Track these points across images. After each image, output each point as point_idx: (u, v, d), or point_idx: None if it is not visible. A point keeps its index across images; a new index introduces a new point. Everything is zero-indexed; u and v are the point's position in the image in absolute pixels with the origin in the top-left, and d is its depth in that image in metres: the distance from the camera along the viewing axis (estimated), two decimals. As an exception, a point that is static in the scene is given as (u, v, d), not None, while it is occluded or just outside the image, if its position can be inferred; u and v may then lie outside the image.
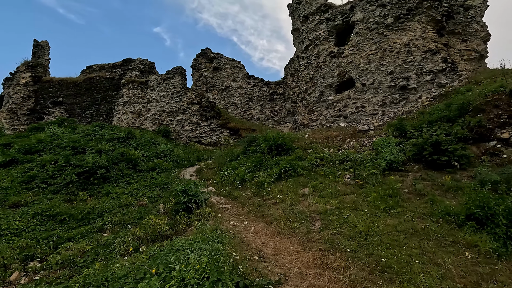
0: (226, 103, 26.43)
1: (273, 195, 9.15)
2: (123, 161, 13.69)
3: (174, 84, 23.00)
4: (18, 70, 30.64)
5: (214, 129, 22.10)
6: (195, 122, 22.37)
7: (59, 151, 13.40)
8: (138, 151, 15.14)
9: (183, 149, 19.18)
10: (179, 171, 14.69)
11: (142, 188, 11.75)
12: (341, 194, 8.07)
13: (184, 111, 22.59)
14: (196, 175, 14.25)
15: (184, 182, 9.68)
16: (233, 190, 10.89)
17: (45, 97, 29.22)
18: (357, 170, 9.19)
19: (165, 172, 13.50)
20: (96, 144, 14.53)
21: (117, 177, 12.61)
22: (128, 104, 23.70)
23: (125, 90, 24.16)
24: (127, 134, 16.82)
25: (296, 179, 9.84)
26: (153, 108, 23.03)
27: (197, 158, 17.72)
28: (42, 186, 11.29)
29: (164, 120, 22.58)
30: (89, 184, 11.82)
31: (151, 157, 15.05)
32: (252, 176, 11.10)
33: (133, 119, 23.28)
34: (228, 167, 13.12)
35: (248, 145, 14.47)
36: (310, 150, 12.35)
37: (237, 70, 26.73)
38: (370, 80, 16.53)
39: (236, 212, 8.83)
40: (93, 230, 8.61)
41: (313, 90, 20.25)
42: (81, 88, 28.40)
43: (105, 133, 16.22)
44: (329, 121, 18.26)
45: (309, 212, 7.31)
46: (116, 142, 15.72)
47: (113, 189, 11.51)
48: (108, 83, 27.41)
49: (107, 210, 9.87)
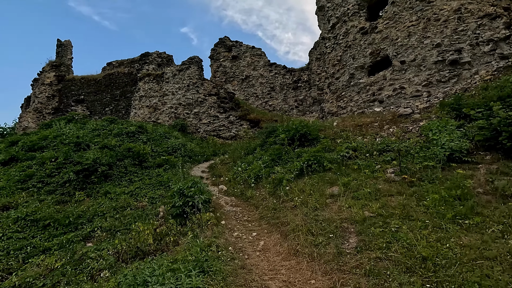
0: (247, 94, 24.67)
1: (292, 195, 7.22)
2: (129, 157, 12.42)
3: (190, 75, 21.61)
4: (44, 70, 31.07)
5: (233, 122, 20.44)
6: (212, 114, 20.85)
7: (62, 148, 12.41)
8: (147, 146, 13.84)
9: (199, 143, 17.72)
10: (190, 167, 13.18)
11: (145, 187, 10.35)
12: (384, 195, 5.96)
13: (201, 104, 21.14)
14: (208, 171, 12.65)
15: (186, 180, 8.06)
16: (247, 189, 9.10)
17: (68, 95, 29.31)
18: (403, 163, 6.97)
19: (173, 168, 12.03)
20: (102, 139, 13.41)
21: (120, 175, 11.32)
22: (144, 98, 22.73)
23: (141, 84, 23.23)
24: (137, 128, 15.63)
25: (322, 175, 7.81)
26: (169, 101, 21.83)
27: (212, 152, 16.15)
28: (38, 186, 10.26)
29: (180, 114, 21.31)
30: (88, 183, 10.62)
31: (160, 153, 13.69)
32: (269, 172, 9.23)
33: (149, 113, 22.27)
34: (242, 162, 11.35)
35: (267, 137, 12.59)
36: (340, 139, 10.22)
37: (258, 58, 24.82)
38: (411, 57, 13.88)
39: (245, 218, 7.02)
40: (77, 239, 7.24)
41: (341, 74, 17.83)
42: (101, 85, 28.07)
43: (113, 128, 15.14)
44: (361, 107, 15.83)
45: (340, 221, 5.31)
46: (124, 137, 14.56)
47: (112, 188, 10.20)
48: (126, 78, 26.76)
49: (99, 214, 8.51)
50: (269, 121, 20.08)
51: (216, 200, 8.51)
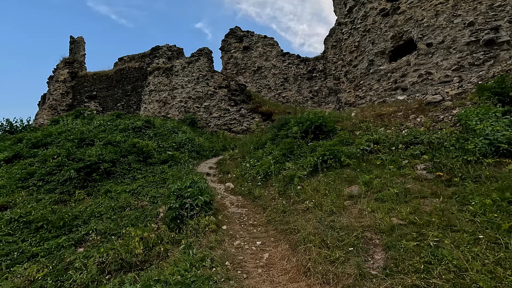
0: (259, 86, 23.70)
1: (304, 196, 6.30)
2: (133, 153, 11.84)
3: (200, 67, 20.86)
4: (58, 68, 31.28)
5: (245, 115, 19.58)
6: (223, 108, 20.06)
7: (65, 144, 11.98)
8: (153, 142, 13.23)
9: (208, 138, 16.99)
10: (197, 163, 12.45)
11: (147, 185, 9.70)
12: (415, 197, 4.93)
13: (211, 97, 20.38)
14: (216, 167, 11.88)
15: (185, 178, 7.31)
16: (254, 187, 8.25)
17: (81, 91, 29.36)
18: (436, 157, 5.88)
19: (179, 165, 11.33)
20: (107, 135, 12.91)
21: (123, 172, 10.75)
22: (154, 93, 22.24)
23: (151, 78, 22.73)
24: (144, 123, 15.07)
25: (339, 172, 6.83)
26: (179, 95, 21.21)
27: (222, 147, 15.39)
28: (38, 184, 9.83)
29: (190, 108, 20.65)
30: (90, 181, 10.09)
31: (167, 148, 13.04)
32: (279, 169, 8.33)
33: (159, 108, 21.77)
34: (251, 158, 10.49)
35: (279, 130, 11.66)
36: (359, 131, 9.15)
37: (270, 48, 23.72)
38: (439, 38, 12.46)
39: (251, 221, 6.17)
40: (68, 243, 6.65)
41: (359, 61, 16.53)
42: (112, 80, 27.88)
43: (120, 123, 14.64)
44: (381, 96, 14.56)
45: (361, 230, 4.36)
46: (130, 132, 14.02)
47: (114, 186, 9.62)
48: (137, 73, 26.38)
49: (96, 215, 7.92)
50: (282, 113, 19.07)
51: (220, 200, 7.71)
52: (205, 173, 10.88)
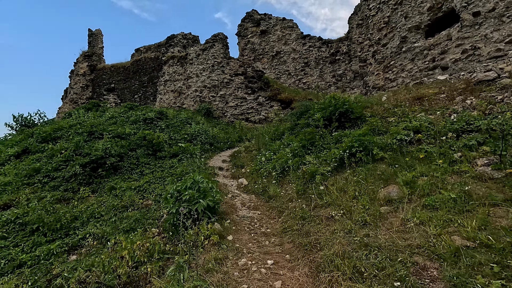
0: (278, 72, 22.32)
1: (329, 198, 5.15)
2: (142, 146, 11.13)
3: (214, 54, 19.80)
4: (77, 61, 31.47)
5: (262, 103, 18.40)
6: (240, 96, 18.97)
7: (74, 138, 11.48)
8: (164, 134, 12.47)
9: (224, 129, 16.05)
10: (210, 156, 11.55)
11: (155, 181, 8.92)
12: (480, 204, 3.65)
13: (227, 85, 19.34)
14: (229, 160, 10.90)
15: (185, 178, 6.36)
16: (270, 185, 7.18)
17: (100, 84, 29.37)
18: (503, 149, 4.48)
19: (191, 158, 10.47)
20: (117, 128, 12.28)
21: (131, 167, 10.05)
22: (169, 83, 21.54)
23: (166, 68, 22.03)
24: (157, 114, 14.34)
25: (371, 168, 5.60)
26: (193, 84, 20.34)
27: (238, 138, 14.39)
28: (43, 181, 9.35)
29: (205, 97, 19.76)
30: (95, 177, 9.48)
31: (179, 140, 12.23)
32: (298, 163, 7.19)
33: (174, 98, 21.07)
34: (267, 150, 9.40)
35: (298, 118, 10.46)
36: (392, 117, 7.76)
37: (289, 31, 22.15)
38: (488, 5, 10.53)
39: (263, 229, 5.13)
40: (61, 250, 5.96)
41: (390, 39, 14.73)
42: (129, 72, 27.55)
43: (131, 115, 14.00)
44: (416, 77, 12.82)
45: (409, 251, 3.18)
46: (141, 124, 13.34)
47: (119, 183, 8.93)
48: (153, 63, 25.80)
49: (96, 215, 7.22)
50: (303, 100, 17.72)
51: (230, 200, 6.73)
52: (218, 167, 9.95)
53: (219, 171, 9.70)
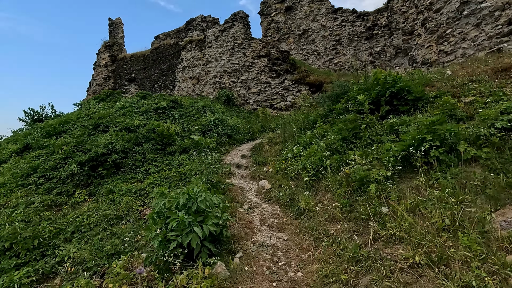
0: (306, 53, 20.00)
1: (397, 227, 3.22)
2: (151, 139, 9.71)
3: (235, 35, 17.90)
4: (99, 52, 30.99)
5: (289, 88, 16.35)
6: (263, 81, 17.03)
7: (78, 131, 10.31)
8: (176, 125, 10.97)
9: (245, 117, 14.30)
10: (227, 151, 9.87)
11: (160, 182, 7.44)
12: None
13: (249, 68, 17.44)
14: (249, 156, 9.14)
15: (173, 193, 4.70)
16: (300, 192, 5.35)
17: (121, 75, 28.71)
18: None
19: (204, 153, 8.87)
20: (125, 119, 10.96)
21: (136, 165, 8.66)
22: (187, 69, 20.06)
23: (184, 54, 20.54)
24: (170, 103, 12.87)
25: (461, 174, 3.57)
26: (213, 69, 18.66)
27: (260, 128, 12.58)
28: (38, 182, 8.22)
29: (225, 83, 18.03)
30: (95, 177, 8.19)
31: (192, 132, 10.66)
32: (339, 162, 5.27)
33: (193, 85, 19.58)
34: (295, 143, 7.52)
35: (333, 102, 8.40)
36: (470, 97, 5.53)
37: (318, 5, 19.60)
38: None
39: (291, 272, 3.37)
40: (29, 280, 4.61)
41: (445, 2, 11.95)
42: (149, 60, 26.47)
43: (142, 104, 12.64)
44: (483, 46, 10.13)
45: None
46: (152, 114, 11.93)
47: (119, 185, 7.57)
48: (172, 50, 24.42)
49: (83, 229, 5.85)
50: (332, 83, 15.45)
51: (246, 215, 5.00)
52: (235, 165, 8.26)
53: (237, 169, 8.01)
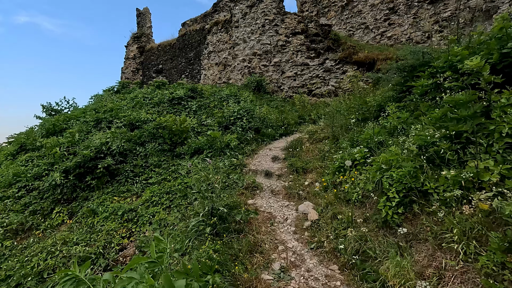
0: (350, 27, 16.74)
1: None
2: (158, 137, 7.64)
3: (265, 10, 15.26)
4: (128, 44, 30.13)
5: (331, 69, 13.43)
6: (300, 62, 14.27)
7: (75, 128, 8.59)
8: (192, 118, 8.80)
9: (278, 107, 11.75)
10: (253, 150, 7.46)
11: (158, 199, 5.30)
12: None
13: (283, 49, 14.75)
14: (283, 158, 6.62)
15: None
16: (378, 239, 2.76)
17: (148, 66, 27.52)
18: None
19: (222, 154, 6.58)
20: (132, 112, 9.04)
21: (135, 172, 6.64)
22: (213, 55, 17.89)
23: (210, 38, 18.39)
24: (188, 92, 10.76)
25: None
26: (240, 52, 16.24)
27: (297, 119, 9.97)
28: (18, 195, 6.54)
29: (255, 68, 15.54)
30: (82, 189, 6.31)
31: (211, 126, 8.42)
32: (455, 182, 2.57)
33: (219, 72, 17.39)
34: (352, 141, 4.86)
35: (405, 79, 5.55)
36: None
37: (365, -32, 16.14)
38: None
39: None
40: None
41: None
42: (175, 49, 24.80)
43: (156, 95, 10.67)
44: None
45: None
46: (166, 105, 9.89)
47: (107, 201, 5.56)
48: (199, 36, 22.40)
49: (27, 280, 3.86)
50: (391, 59, 12.21)
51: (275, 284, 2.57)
52: (263, 173, 5.85)
53: (265, 179, 5.60)
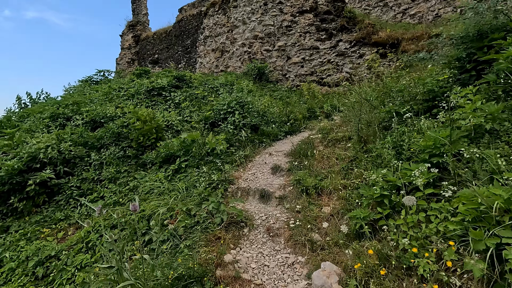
0: (366, 6, 14.52)
1: None
2: (122, 139, 5.75)
3: (267, -15, 13.13)
4: (123, 33, 28.23)
5: (345, 52, 11.34)
6: (308, 46, 12.19)
7: (21, 128, 6.79)
8: (173, 113, 6.89)
9: (283, 97, 9.75)
10: (247, 157, 5.51)
11: (95, 239, 3.41)
12: None
13: (288, 30, 12.66)
14: (288, 169, 4.67)
15: None
16: None
17: (144, 56, 25.63)
18: None
19: (206, 163, 4.69)
20: (96, 106, 7.18)
21: (83, 189, 4.77)
22: (210, 40, 15.88)
23: (206, 21, 16.36)
24: (173, 81, 8.84)
25: None
26: (240, 36, 14.19)
27: (306, 113, 7.95)
28: None
29: (256, 53, 13.50)
30: (5, 214, 4.48)
31: (196, 123, 6.51)
32: None
33: (216, 60, 15.39)
34: (396, 151, 2.85)
35: (469, 53, 3.50)
36: None
37: None
38: None
39: None
40: None
41: None
42: (172, 37, 22.82)
43: (134, 85, 8.78)
44: None
45: None
46: (144, 97, 8.00)
47: (32, 233, 3.71)
48: (196, 21, 20.37)
49: None
50: (419, 39, 10.07)
51: None
52: (259, 192, 3.94)
53: (261, 203, 3.72)
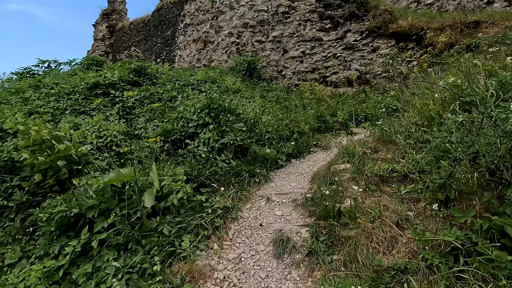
0: (374, -8, 12.40)
1: None
2: (16, 173, 3.35)
3: (260, -38, 10.83)
4: (96, 23, 25.31)
5: (355, 45, 9.21)
6: (309, 37, 10.00)
7: None
8: (116, 124, 4.52)
9: (278, 100, 7.48)
10: (228, 210, 3.25)
11: None
12: None
13: (285, 18, 10.43)
14: (307, 251, 2.46)
15: None
16: None
17: (119, 49, 22.85)
18: None
19: (138, 238, 2.42)
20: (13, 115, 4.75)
21: None
22: (191, 28, 13.46)
23: (187, 7, 13.92)
24: (130, 74, 6.45)
25: None
26: (226, 24, 11.85)
27: (315, 124, 5.72)
28: None
29: (246, 44, 11.22)
30: None
31: (151, 142, 4.24)
32: None
33: (198, 52, 13.00)
34: None
35: None
36: None
37: None
38: None
39: None
40: None
41: None
42: (150, 27, 20.20)
43: (74, 80, 6.36)
44: None
45: None
46: (82, 98, 5.59)
47: None
48: (177, 9, 17.89)
49: None
50: (448, 28, 8.03)
51: None
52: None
53: None
